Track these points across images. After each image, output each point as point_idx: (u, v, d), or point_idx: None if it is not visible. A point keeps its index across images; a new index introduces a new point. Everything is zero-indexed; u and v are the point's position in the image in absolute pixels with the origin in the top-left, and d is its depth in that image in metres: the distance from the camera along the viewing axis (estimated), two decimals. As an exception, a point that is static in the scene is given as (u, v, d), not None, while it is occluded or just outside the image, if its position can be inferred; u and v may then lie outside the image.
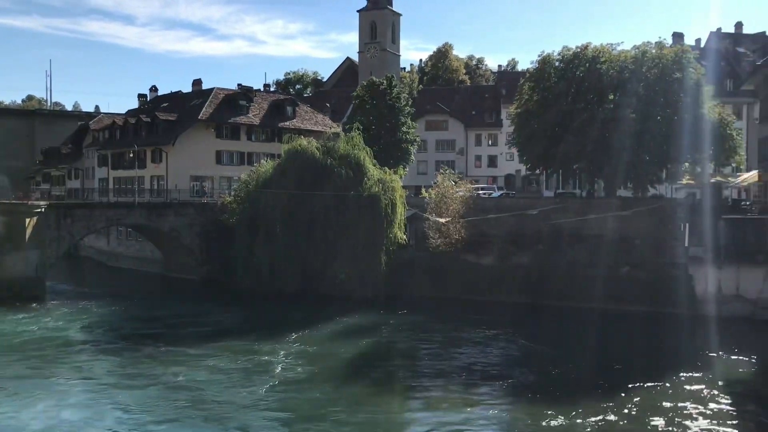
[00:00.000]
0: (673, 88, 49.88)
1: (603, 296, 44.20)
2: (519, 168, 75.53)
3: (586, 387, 28.48)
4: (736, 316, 41.77)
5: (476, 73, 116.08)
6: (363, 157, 50.56)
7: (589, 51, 53.60)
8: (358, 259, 47.37)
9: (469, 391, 28.52)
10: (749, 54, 78.65)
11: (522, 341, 37.44)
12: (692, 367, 31.63)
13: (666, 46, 53.33)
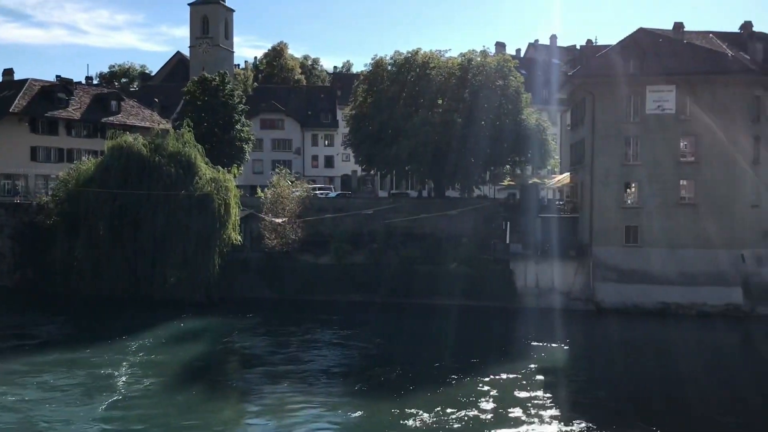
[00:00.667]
0: (496, 95, 53.04)
1: (434, 292, 46.24)
2: (355, 169, 76.72)
3: (418, 380, 29.54)
4: (552, 307, 45.30)
5: (312, 74, 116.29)
6: (194, 156, 48.86)
7: (419, 56, 55.65)
8: (189, 261, 45.75)
9: (307, 391, 28.54)
10: (562, 65, 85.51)
11: (358, 339, 38.09)
12: (514, 355, 34.02)
13: (489, 55, 56.59)
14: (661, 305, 44.46)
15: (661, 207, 45.99)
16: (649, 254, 45.77)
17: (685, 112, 45.98)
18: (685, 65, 46.54)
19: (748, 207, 46.03)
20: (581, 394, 28.77)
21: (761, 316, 43.53)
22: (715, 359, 35.54)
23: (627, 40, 50.16)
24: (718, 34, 50.62)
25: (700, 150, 45.85)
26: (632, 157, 47.03)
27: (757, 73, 46.39)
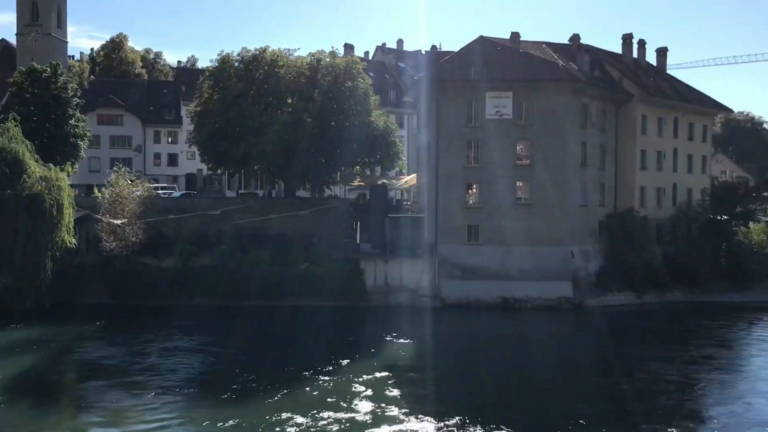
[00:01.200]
0: (345, 96, 53.43)
1: (285, 293, 45.82)
2: (201, 167, 74.21)
3: (268, 383, 28.94)
4: (401, 304, 46.41)
5: (154, 68, 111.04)
6: (22, 152, 44.91)
7: (267, 54, 54.83)
8: (17, 266, 42.02)
9: (147, 400, 27.08)
10: (409, 69, 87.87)
11: (204, 344, 36.88)
12: (365, 352, 34.45)
13: (338, 56, 56.90)
14: (501, 299, 46.92)
15: (500, 207, 48.58)
16: (490, 252, 48.17)
17: (522, 117, 48.85)
18: (522, 73, 49.45)
19: (577, 207, 49.77)
20: (428, 386, 29.68)
21: (588, 307, 47.19)
22: (549, 347, 38.01)
23: (468, 48, 52.50)
24: (550, 45, 54.28)
25: (535, 153, 48.91)
26: (473, 160, 49.28)
27: (585, 83, 50.26)
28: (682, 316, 46.00)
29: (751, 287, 52.08)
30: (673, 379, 30.67)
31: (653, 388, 29.08)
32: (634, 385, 29.69)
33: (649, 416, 25.26)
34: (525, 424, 24.71)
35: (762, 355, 35.89)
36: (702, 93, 64.09)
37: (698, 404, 27.62)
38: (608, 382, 30.65)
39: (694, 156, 60.66)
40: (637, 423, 24.67)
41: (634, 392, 28.54)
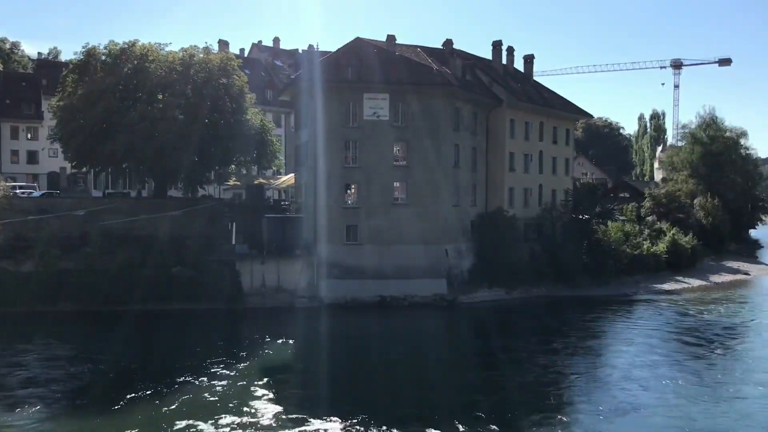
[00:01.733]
0: (220, 94, 52.17)
1: (156, 297, 44.05)
2: (64, 165, 69.93)
3: (137, 393, 27.70)
4: (279, 306, 45.94)
5: (11, 59, 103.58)
6: None
7: (137, 48, 52.47)
8: None
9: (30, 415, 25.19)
10: (285, 68, 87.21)
11: (68, 353, 34.72)
12: (242, 356, 33.65)
13: (212, 52, 55.44)
14: (379, 298, 47.53)
15: (378, 207, 49.23)
16: (368, 251, 48.68)
17: (398, 119, 49.73)
18: (398, 75, 50.33)
19: (451, 207, 51.30)
20: (307, 386, 29.45)
21: (461, 303, 48.81)
22: (424, 343, 39.00)
23: (345, 49, 52.80)
24: (425, 49, 55.63)
25: (412, 155, 49.95)
26: (351, 160, 49.62)
27: (458, 87, 51.87)
28: (548, 310, 48.52)
29: (608, 282, 55.90)
30: (547, 370, 32.15)
31: (529, 379, 30.42)
32: (510, 376, 30.97)
33: (527, 405, 26.39)
34: (410, 418, 25.11)
35: (624, 343, 38.41)
36: (565, 99, 68.01)
37: (574, 393, 29.05)
38: (483, 375, 31.76)
39: (557, 159, 64.27)
40: (516, 412, 25.69)
41: (511, 383, 29.79)
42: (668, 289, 57.16)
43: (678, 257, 64.85)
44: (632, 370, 32.03)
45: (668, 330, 41.78)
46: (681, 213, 75.27)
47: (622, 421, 25.16)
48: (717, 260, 73.06)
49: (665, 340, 39.12)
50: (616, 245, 59.51)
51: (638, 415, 25.77)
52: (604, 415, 25.62)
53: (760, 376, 31.01)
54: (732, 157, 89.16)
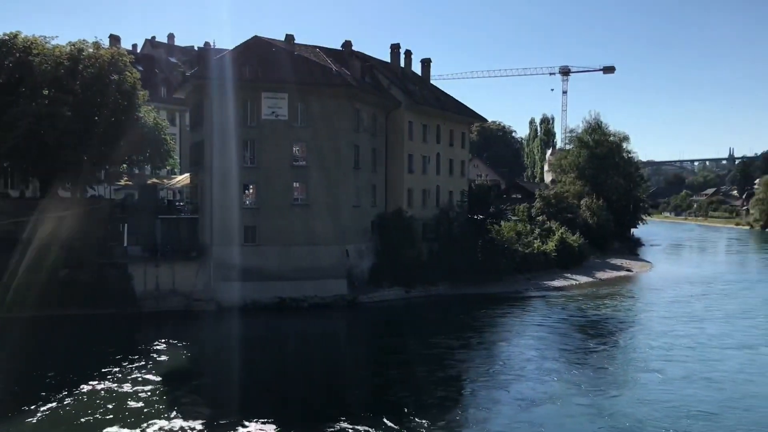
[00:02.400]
0: (111, 90, 50.04)
1: (42, 303, 41.66)
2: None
3: (25, 404, 26.27)
4: (174, 309, 44.67)
5: None
6: None
7: (19, 40, 49.49)
8: None
9: None
10: (180, 65, 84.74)
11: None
12: (135, 363, 32.42)
13: (103, 47, 53.15)
14: (278, 300, 47.08)
15: (277, 208, 48.80)
16: (267, 252, 48.16)
17: (297, 119, 49.48)
18: (297, 75, 50.06)
19: (351, 207, 51.56)
20: (203, 392, 28.80)
21: (362, 303, 49.16)
22: (324, 344, 39.13)
23: (243, 47, 52.02)
24: (324, 50, 55.63)
25: (311, 155, 49.81)
26: (250, 160, 48.94)
27: (357, 88, 52.18)
28: (445, 308, 49.67)
29: (502, 279, 57.89)
30: (443, 365, 32.91)
31: (425, 375, 30.99)
32: (408, 373, 31.55)
33: (424, 401, 26.94)
34: (312, 419, 25.11)
35: (517, 338, 39.86)
36: (461, 103, 69.87)
37: (470, 388, 29.89)
38: (381, 373, 32.18)
39: (454, 161, 65.92)
40: (414, 408, 26.11)
41: (408, 380, 30.38)
42: (558, 285, 59.82)
43: (566, 255, 67.96)
44: (525, 363, 33.33)
45: (558, 325, 43.74)
46: (569, 213, 78.93)
47: (517, 413, 26.12)
48: (602, 258, 77.11)
49: (555, 335, 40.93)
50: (509, 244, 61.74)
51: (532, 406, 26.84)
52: (500, 408, 26.57)
53: (643, 365, 33.12)
54: (615, 160, 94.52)
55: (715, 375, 31.20)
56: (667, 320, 44.72)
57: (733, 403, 27.19)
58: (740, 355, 35.07)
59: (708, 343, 37.85)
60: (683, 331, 41.23)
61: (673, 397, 27.83)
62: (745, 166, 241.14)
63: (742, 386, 29.54)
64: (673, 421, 24.96)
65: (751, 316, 46.49)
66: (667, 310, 48.78)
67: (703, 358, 34.36)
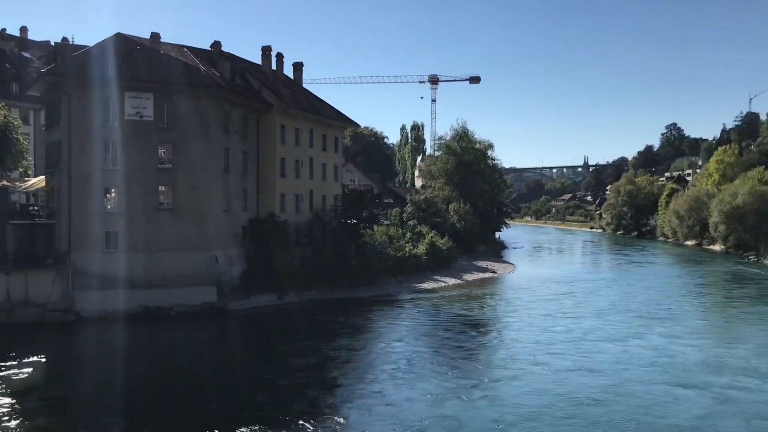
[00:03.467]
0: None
1: None
2: None
3: None
4: (27, 321, 41.60)
5: None
6: None
7: None
8: None
9: None
10: (35, 60, 79.33)
11: None
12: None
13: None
14: (144, 308, 45.01)
15: (142, 212, 46.70)
16: (131, 259, 45.91)
17: (163, 120, 47.63)
18: (163, 75, 48.23)
19: (221, 212, 50.23)
20: (57, 410, 27.04)
21: (233, 310, 47.99)
22: (190, 355, 37.78)
23: (105, 43, 49.44)
24: (192, 50, 53.93)
25: (178, 157, 48.08)
26: (112, 162, 46.54)
27: (227, 90, 51.00)
28: (319, 313, 49.53)
29: (375, 283, 58.62)
30: (316, 370, 32.83)
31: (298, 381, 30.77)
32: (280, 380, 31.11)
33: (298, 406, 26.68)
34: None
35: (389, 340, 40.34)
36: (333, 107, 70.08)
37: (343, 391, 29.86)
38: (251, 381, 31.49)
39: (327, 165, 65.95)
40: (288, 414, 25.80)
41: (281, 386, 29.96)
42: (428, 287, 61.34)
43: (436, 258, 69.95)
44: (404, 364, 33.92)
45: (428, 325, 44.89)
46: (438, 217, 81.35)
47: (388, 414, 26.45)
48: (469, 260, 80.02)
49: (425, 335, 41.98)
50: (382, 248, 62.63)
51: (404, 407, 27.27)
52: (373, 411, 26.78)
53: (507, 362, 34.65)
54: (481, 166, 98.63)
55: (596, 365, 33.61)
56: (541, 317, 47.21)
57: (615, 389, 29.38)
58: (614, 347, 37.82)
59: (584, 337, 40.66)
60: (557, 326, 44.07)
61: (560, 387, 29.61)
62: (597, 173, 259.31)
63: (621, 374, 31.96)
64: (564, 408, 26.57)
65: (617, 311, 49.95)
66: (539, 307, 51.52)
67: (583, 351, 36.82)
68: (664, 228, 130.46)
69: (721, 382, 30.63)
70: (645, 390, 29.36)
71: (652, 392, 29.04)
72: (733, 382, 30.67)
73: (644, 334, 41.41)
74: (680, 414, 26.35)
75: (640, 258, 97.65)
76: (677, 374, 31.96)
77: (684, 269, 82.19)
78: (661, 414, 26.24)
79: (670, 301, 55.38)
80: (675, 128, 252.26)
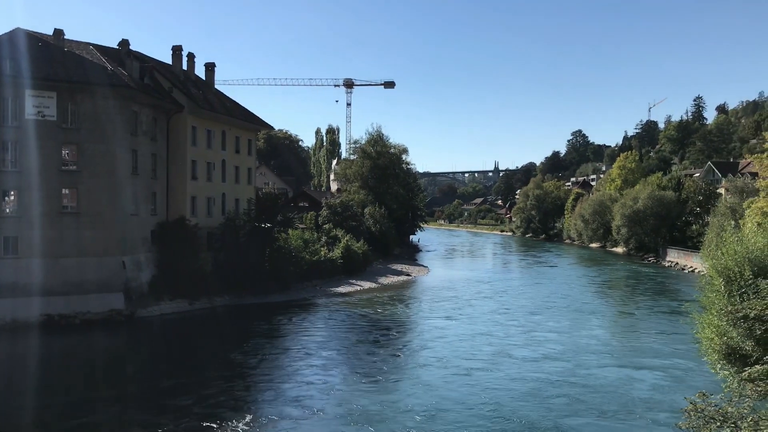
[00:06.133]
0: None
1: None
2: None
3: None
4: None
5: None
6: None
7: None
8: None
9: None
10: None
11: None
12: None
13: None
14: (46, 317, 42.94)
15: (44, 216, 44.57)
16: (31, 265, 43.73)
17: (67, 120, 45.66)
18: (67, 73, 46.22)
19: (128, 215, 48.53)
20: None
21: (141, 317, 46.44)
22: (94, 364, 36.27)
23: (3, 38, 46.97)
24: (98, 47, 51.90)
25: (83, 159, 46.17)
26: (11, 164, 44.24)
27: (135, 89, 49.34)
28: (231, 318, 48.72)
29: (290, 287, 58.11)
30: (228, 378, 32.17)
31: (211, 390, 30.02)
32: (192, 387, 30.29)
33: (211, 417, 26.06)
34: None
35: (301, 345, 40.00)
36: (247, 109, 69.06)
37: (257, 399, 29.46)
38: (160, 389, 30.58)
39: (240, 168, 64.90)
40: (200, 424, 25.18)
41: (192, 394, 29.14)
42: (343, 291, 61.34)
43: (351, 262, 70.03)
44: (310, 370, 33.68)
45: (342, 329, 44.81)
46: (354, 221, 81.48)
47: (299, 419, 26.27)
48: (384, 263, 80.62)
49: (339, 340, 41.86)
50: (297, 252, 62.13)
51: (319, 413, 27.14)
52: (288, 418, 26.51)
53: (423, 364, 35.03)
54: (396, 170, 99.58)
55: (506, 360, 34.13)
56: (453, 318, 47.92)
57: (525, 383, 29.95)
58: (524, 341, 38.61)
59: (495, 334, 41.31)
60: (472, 326, 44.76)
61: (471, 386, 29.89)
62: (507, 177, 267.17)
63: (526, 366, 32.65)
64: (477, 407, 26.81)
65: (526, 310, 51.45)
66: (451, 309, 52.33)
67: (495, 349, 37.55)
68: (570, 231, 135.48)
69: (624, 363, 32.14)
70: (550, 374, 30.46)
71: (556, 373, 30.11)
72: (634, 362, 32.26)
73: (557, 327, 42.92)
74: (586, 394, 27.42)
75: (548, 259, 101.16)
76: (584, 359, 33.28)
77: (589, 270, 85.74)
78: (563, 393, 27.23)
79: (579, 298, 57.83)
80: (580, 135, 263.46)
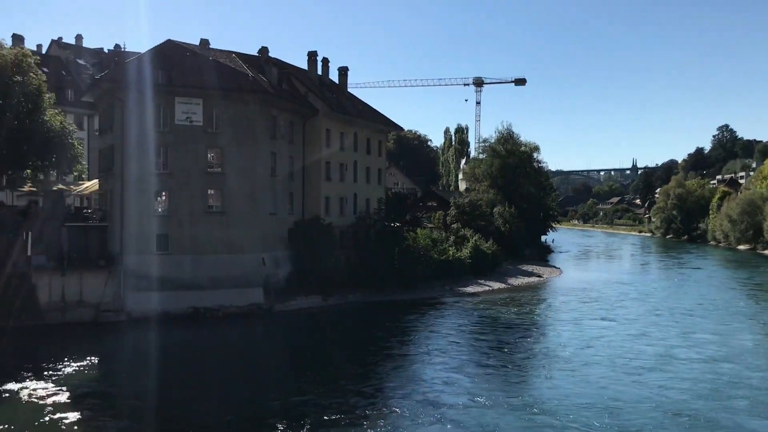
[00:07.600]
0: (14, 92, 47.78)
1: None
2: None
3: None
4: (82, 321, 42.93)
5: None
6: None
7: None
8: None
9: None
10: (89, 67, 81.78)
11: None
12: (36, 379, 30.94)
13: (5, 47, 50.75)
14: (192, 310, 46.01)
15: (191, 215, 47.78)
16: (180, 261, 47.02)
17: (212, 125, 48.66)
18: (212, 80, 49.24)
19: (267, 215, 51.06)
20: (110, 410, 27.67)
21: (278, 312, 48.68)
22: (239, 355, 38.43)
23: (156, 50, 50.78)
24: (240, 55, 54.96)
25: (226, 161, 49.06)
26: (163, 166, 47.71)
27: (274, 95, 51.82)
28: (363, 315, 49.90)
29: (418, 286, 58.64)
30: (361, 372, 33.02)
31: (344, 383, 30.96)
32: (326, 381, 31.38)
33: (343, 409, 26.92)
34: None
35: (432, 344, 40.33)
36: (377, 111, 70.50)
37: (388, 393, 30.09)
38: (299, 381, 31.85)
39: (371, 168, 66.39)
40: (332, 416, 26.10)
41: (326, 387, 30.16)
42: (472, 291, 61.10)
43: (480, 262, 69.49)
44: (441, 368, 33.83)
45: (471, 329, 44.68)
46: (482, 221, 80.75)
47: (434, 418, 26.49)
48: (514, 264, 79.30)
49: (469, 339, 41.78)
50: (425, 251, 62.56)
51: (450, 412, 27.25)
52: (418, 414, 26.84)
53: (553, 367, 34.28)
54: (527, 169, 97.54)
55: (641, 367, 32.84)
56: (589, 322, 46.52)
57: (665, 392, 28.73)
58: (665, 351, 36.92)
59: (633, 341, 39.65)
60: (607, 332, 43.07)
61: (604, 389, 29.08)
62: (646, 176, 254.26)
63: (666, 375, 31.21)
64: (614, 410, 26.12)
65: (669, 315, 48.96)
66: (588, 312, 50.73)
67: (630, 354, 36.05)
68: (715, 232, 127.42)
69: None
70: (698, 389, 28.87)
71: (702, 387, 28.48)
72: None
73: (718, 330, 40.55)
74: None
75: (690, 261, 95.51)
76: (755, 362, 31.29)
77: (738, 272, 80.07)
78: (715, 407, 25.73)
79: (733, 301, 54.64)
80: (727, 130, 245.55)
